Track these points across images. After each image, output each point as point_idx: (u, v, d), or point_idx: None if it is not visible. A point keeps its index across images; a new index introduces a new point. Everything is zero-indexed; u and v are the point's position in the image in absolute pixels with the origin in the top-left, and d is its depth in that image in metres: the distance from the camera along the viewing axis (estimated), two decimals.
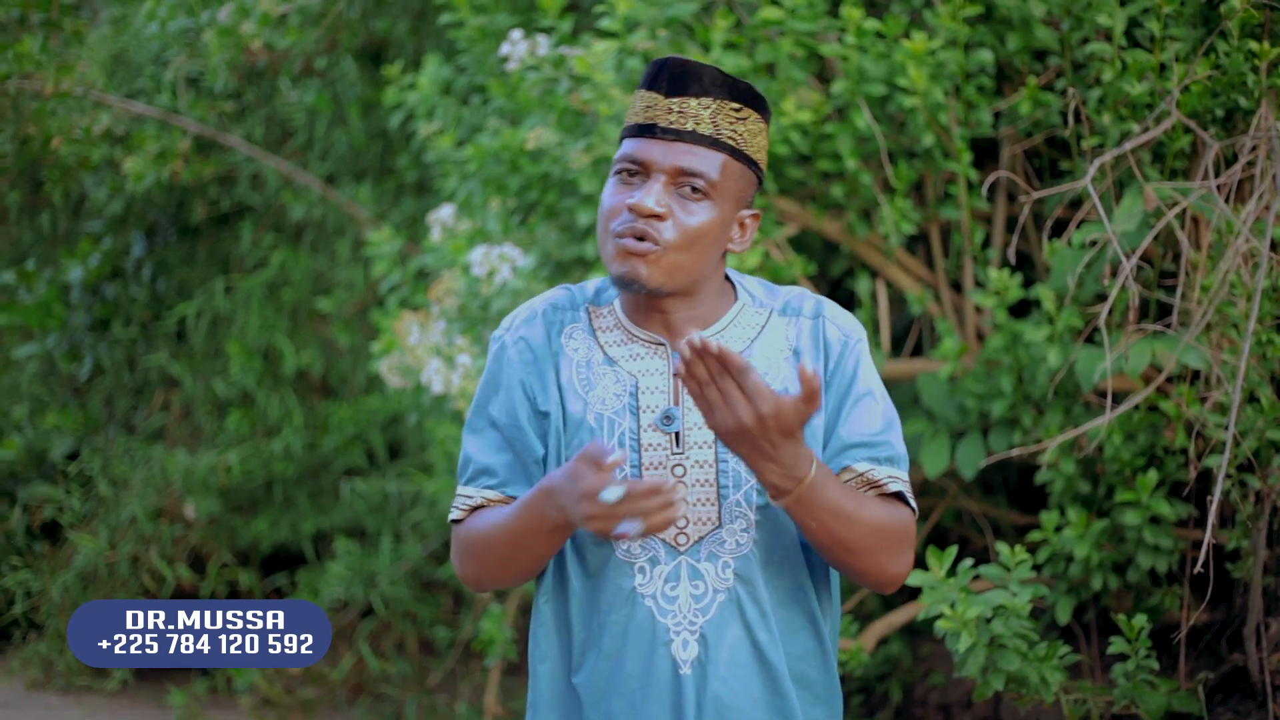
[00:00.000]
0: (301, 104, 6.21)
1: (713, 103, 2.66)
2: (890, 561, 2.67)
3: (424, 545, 6.11)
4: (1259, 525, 3.88)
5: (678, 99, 2.65)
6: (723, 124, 2.66)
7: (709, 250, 2.67)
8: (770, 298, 2.79)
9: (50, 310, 6.54)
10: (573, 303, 2.79)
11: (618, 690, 2.69)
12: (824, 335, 2.74)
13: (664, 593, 2.68)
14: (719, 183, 2.65)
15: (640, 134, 2.66)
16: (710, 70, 2.66)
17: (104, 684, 6.19)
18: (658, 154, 2.64)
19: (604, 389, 2.71)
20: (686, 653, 2.68)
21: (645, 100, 2.67)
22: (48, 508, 6.42)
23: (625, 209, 2.64)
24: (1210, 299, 3.77)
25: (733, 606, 2.68)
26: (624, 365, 2.72)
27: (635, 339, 2.73)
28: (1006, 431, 4.32)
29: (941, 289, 4.72)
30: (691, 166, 2.63)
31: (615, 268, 2.65)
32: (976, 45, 4.41)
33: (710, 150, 2.65)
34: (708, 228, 2.65)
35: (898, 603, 4.86)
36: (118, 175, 6.13)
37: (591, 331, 2.76)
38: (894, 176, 4.50)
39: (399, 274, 5.22)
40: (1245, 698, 4.01)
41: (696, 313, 2.73)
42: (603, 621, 2.70)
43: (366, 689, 6.26)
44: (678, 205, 2.64)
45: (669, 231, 2.63)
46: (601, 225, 2.68)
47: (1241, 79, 3.90)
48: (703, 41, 4.51)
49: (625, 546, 2.67)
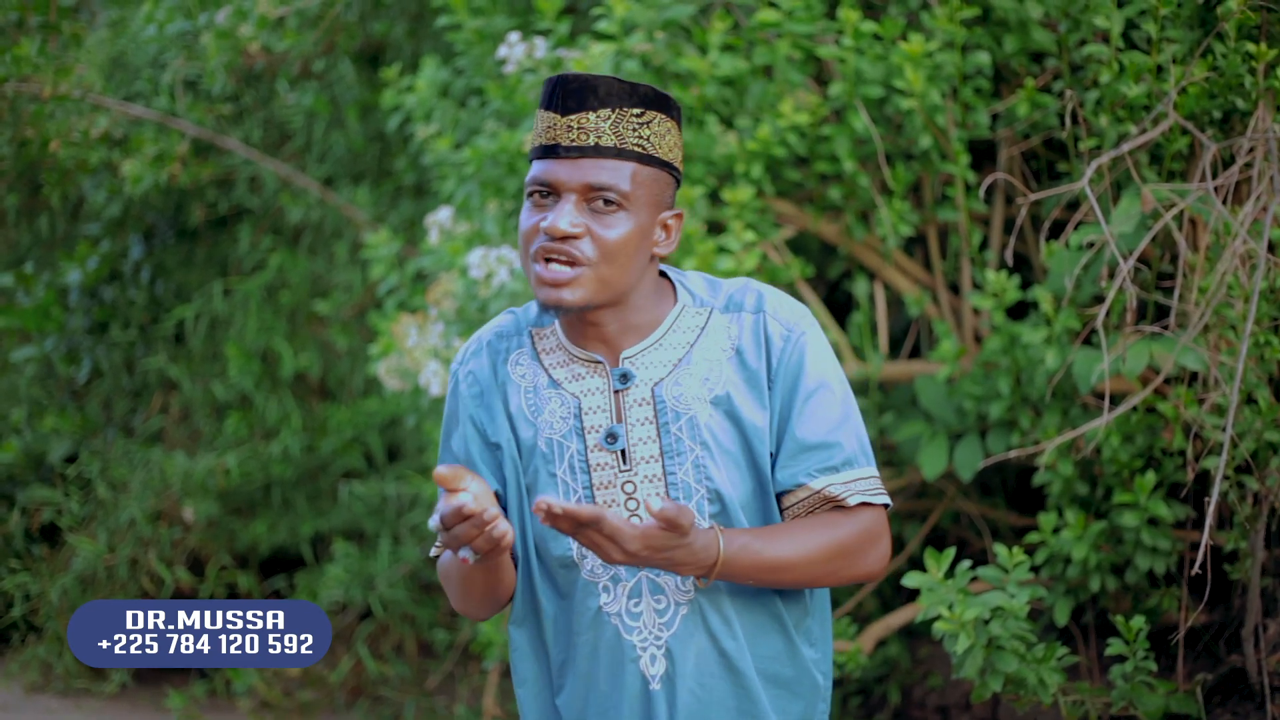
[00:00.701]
0: (299, 106, 6.21)
1: (611, 113, 2.62)
2: (855, 569, 2.70)
3: (422, 548, 6.11)
4: (1257, 526, 3.88)
5: (575, 115, 2.62)
6: (625, 132, 2.63)
7: (633, 260, 2.65)
8: (712, 295, 2.76)
9: (48, 313, 6.54)
10: (517, 328, 2.79)
11: (594, 709, 2.71)
12: (765, 331, 2.71)
13: (628, 610, 2.69)
14: (631, 192, 2.63)
15: (545, 155, 2.64)
16: (605, 80, 2.63)
17: (103, 687, 6.18)
18: (564, 173, 2.62)
19: (550, 413, 2.71)
20: (655, 668, 2.69)
21: (545, 121, 2.65)
22: (46, 510, 6.42)
23: (540, 231, 2.62)
24: (1208, 300, 3.77)
25: (695, 618, 2.69)
26: (567, 387, 2.72)
27: (575, 359, 2.73)
28: (1004, 433, 4.33)
29: (939, 291, 4.72)
30: (599, 181, 2.61)
31: (540, 295, 2.64)
32: (974, 47, 4.41)
33: (617, 160, 2.62)
34: (627, 239, 2.63)
35: (896, 604, 4.87)
36: (116, 178, 6.13)
37: (535, 355, 2.75)
38: (891, 178, 4.50)
39: (397, 276, 5.22)
40: (1244, 699, 4.01)
41: (632, 321, 2.71)
42: (575, 642, 2.72)
43: (365, 691, 6.26)
44: (593, 221, 2.62)
45: (588, 249, 2.61)
46: (521, 250, 2.67)
47: (1239, 81, 3.90)
48: (700, 44, 4.51)
49: (589, 566, 2.69)
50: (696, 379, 2.69)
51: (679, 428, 2.68)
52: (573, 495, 2.68)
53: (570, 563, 2.70)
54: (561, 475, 2.69)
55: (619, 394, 2.69)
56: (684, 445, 2.68)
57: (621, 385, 2.69)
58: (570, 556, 2.69)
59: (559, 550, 2.70)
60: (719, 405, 2.69)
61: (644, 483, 2.68)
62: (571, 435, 2.69)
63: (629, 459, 2.68)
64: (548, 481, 2.69)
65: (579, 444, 2.69)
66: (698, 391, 2.68)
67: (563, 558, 2.70)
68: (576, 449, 2.69)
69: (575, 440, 2.69)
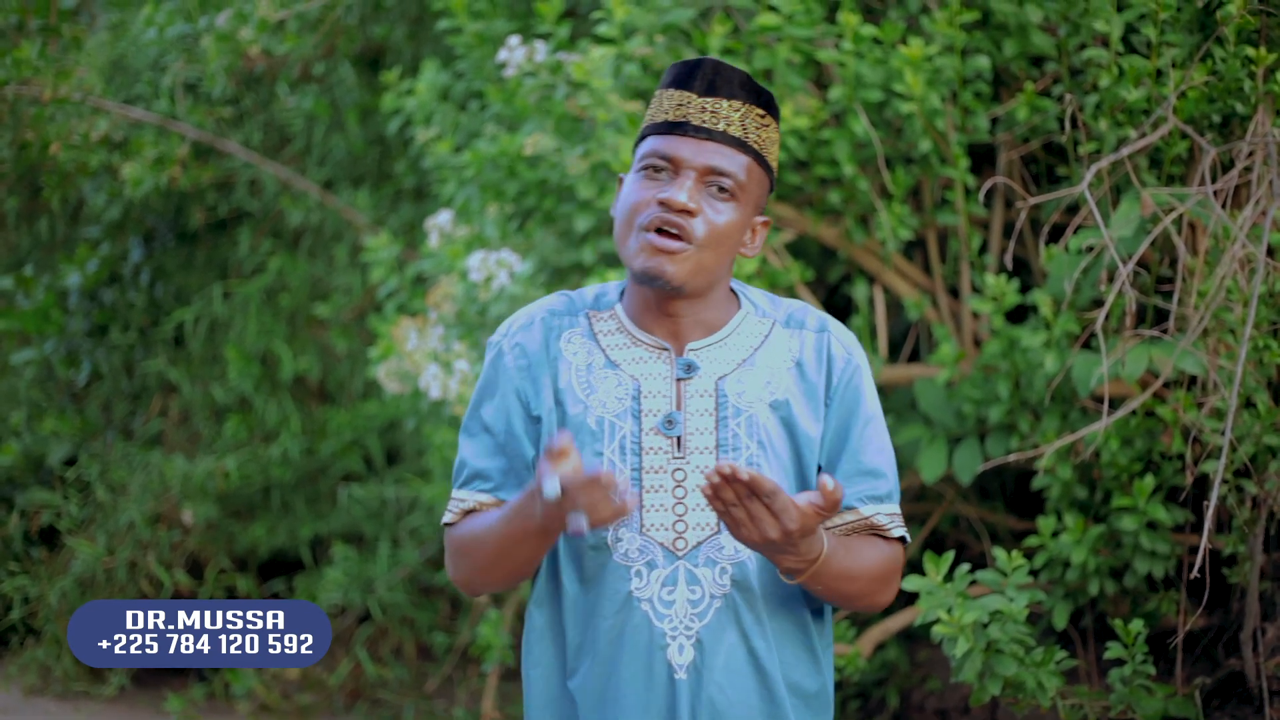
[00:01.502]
0: (299, 109, 6.21)
1: (742, 105, 2.68)
2: (881, 598, 2.75)
3: (422, 551, 6.11)
4: (1256, 530, 3.88)
5: (711, 99, 2.67)
6: (750, 128, 2.68)
7: (729, 252, 2.70)
8: (773, 308, 2.81)
9: (48, 316, 6.53)
10: (571, 309, 2.79)
11: (613, 695, 2.69)
12: (829, 350, 2.76)
13: (661, 597, 2.68)
14: (745, 184, 2.68)
15: (670, 131, 2.67)
16: (741, 74, 2.70)
17: (101, 689, 6.18)
18: (688, 151, 2.66)
19: (605, 392, 2.71)
20: (682, 657, 2.68)
21: (676, 99, 2.68)
22: (45, 513, 6.42)
23: (655, 203, 2.65)
24: (1207, 304, 3.77)
25: (729, 612, 2.68)
26: (626, 368, 2.72)
27: (639, 343, 2.74)
28: (1003, 437, 4.33)
29: (939, 294, 4.72)
30: (721, 166, 2.65)
31: (640, 262, 2.65)
32: (973, 51, 4.42)
33: (738, 152, 2.67)
34: (732, 228, 2.68)
35: (895, 608, 4.86)
36: (116, 181, 6.13)
37: (592, 335, 2.76)
38: (891, 182, 4.50)
39: (397, 279, 5.22)
40: (1242, 703, 4.01)
41: (703, 317, 2.73)
42: (598, 626, 2.70)
43: (364, 694, 6.26)
44: (705, 203, 2.66)
45: (700, 228, 2.64)
46: (625, 220, 2.68)
47: (1238, 84, 3.91)
48: (700, 47, 4.51)
49: (623, 550, 2.68)
50: (759, 381, 2.71)
51: (738, 424, 2.69)
52: (620, 477, 2.66)
53: (602, 545, 2.68)
54: (609, 454, 2.68)
55: (680, 382, 2.70)
56: (740, 441, 2.69)
57: (685, 374, 2.70)
58: (604, 539, 2.68)
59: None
60: (777, 410, 2.71)
61: (694, 473, 2.68)
62: (626, 416, 2.69)
63: (683, 446, 2.69)
64: (592, 460, 2.68)
65: (634, 425, 2.69)
66: (759, 393, 2.71)
67: (596, 538, 2.68)
68: (630, 430, 2.69)
69: (630, 421, 2.69)
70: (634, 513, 2.68)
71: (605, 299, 2.80)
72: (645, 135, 2.72)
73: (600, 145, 4.39)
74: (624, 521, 2.67)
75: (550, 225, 4.73)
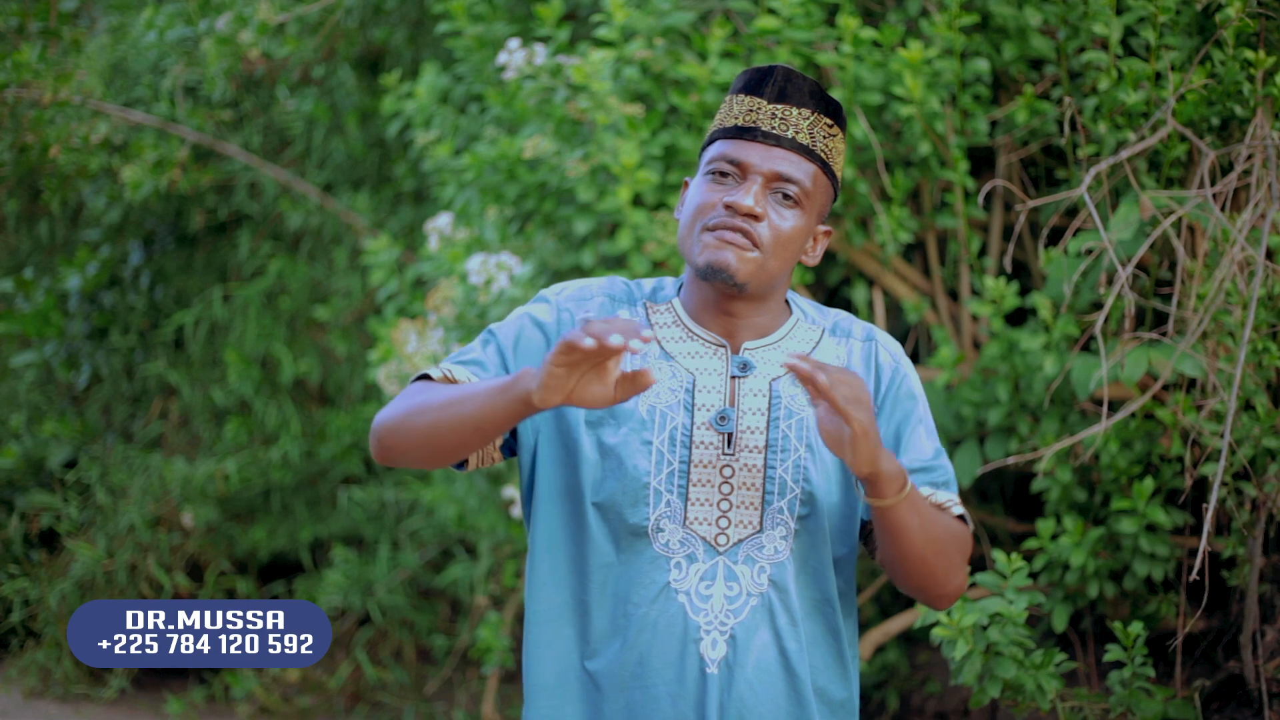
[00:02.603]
0: (299, 112, 6.22)
1: (811, 114, 2.71)
2: (958, 572, 2.73)
3: (421, 553, 6.11)
4: (1255, 533, 3.88)
5: (781, 105, 2.69)
6: (818, 136, 2.71)
7: (793, 258, 2.72)
8: (821, 317, 2.83)
9: (48, 319, 6.54)
10: (630, 296, 2.80)
11: (641, 683, 2.69)
12: (876, 359, 2.79)
13: (698, 590, 2.69)
14: (811, 191, 2.70)
15: (739, 135, 2.69)
16: (811, 82, 2.72)
17: (102, 692, 6.18)
18: (757, 157, 2.67)
19: (660, 383, 2.71)
20: (715, 652, 2.69)
21: (746, 104, 2.70)
22: (45, 516, 6.42)
23: (721, 206, 2.67)
24: (1206, 307, 3.77)
25: (764, 611, 2.69)
26: (682, 362, 2.73)
27: (695, 337, 2.75)
28: (1003, 439, 4.33)
29: (938, 297, 4.72)
30: (788, 173, 2.67)
31: (706, 256, 2.66)
32: (973, 54, 4.42)
33: (805, 160, 2.69)
34: (796, 234, 2.70)
35: (894, 610, 4.87)
36: (116, 184, 6.13)
37: (648, 325, 2.77)
38: (890, 185, 4.50)
39: (396, 282, 5.22)
40: (1241, 705, 4.01)
41: (759, 321, 2.75)
42: (631, 613, 2.69)
43: (364, 697, 6.26)
44: (771, 209, 2.67)
45: (765, 232, 2.66)
46: (690, 220, 2.70)
47: (1237, 87, 3.91)
48: (699, 50, 4.52)
49: (664, 540, 2.68)
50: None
51: (788, 425, 2.70)
52: (667, 467, 2.68)
53: (642, 532, 2.68)
54: (658, 444, 2.68)
55: (735, 380, 2.71)
56: (790, 443, 2.70)
57: (740, 372, 2.72)
58: (645, 526, 2.68)
59: (635, 518, 2.68)
60: None
61: (743, 470, 2.69)
62: (679, 408, 2.70)
63: (734, 443, 2.70)
64: (639, 449, 2.68)
65: (685, 418, 2.70)
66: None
67: (636, 526, 2.68)
68: (682, 423, 2.69)
69: (682, 414, 2.70)
70: (678, 505, 2.67)
71: (663, 293, 2.81)
72: (714, 139, 2.74)
73: (600, 148, 4.39)
74: (666, 513, 2.67)
75: (550, 228, 4.73)
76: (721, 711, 2.67)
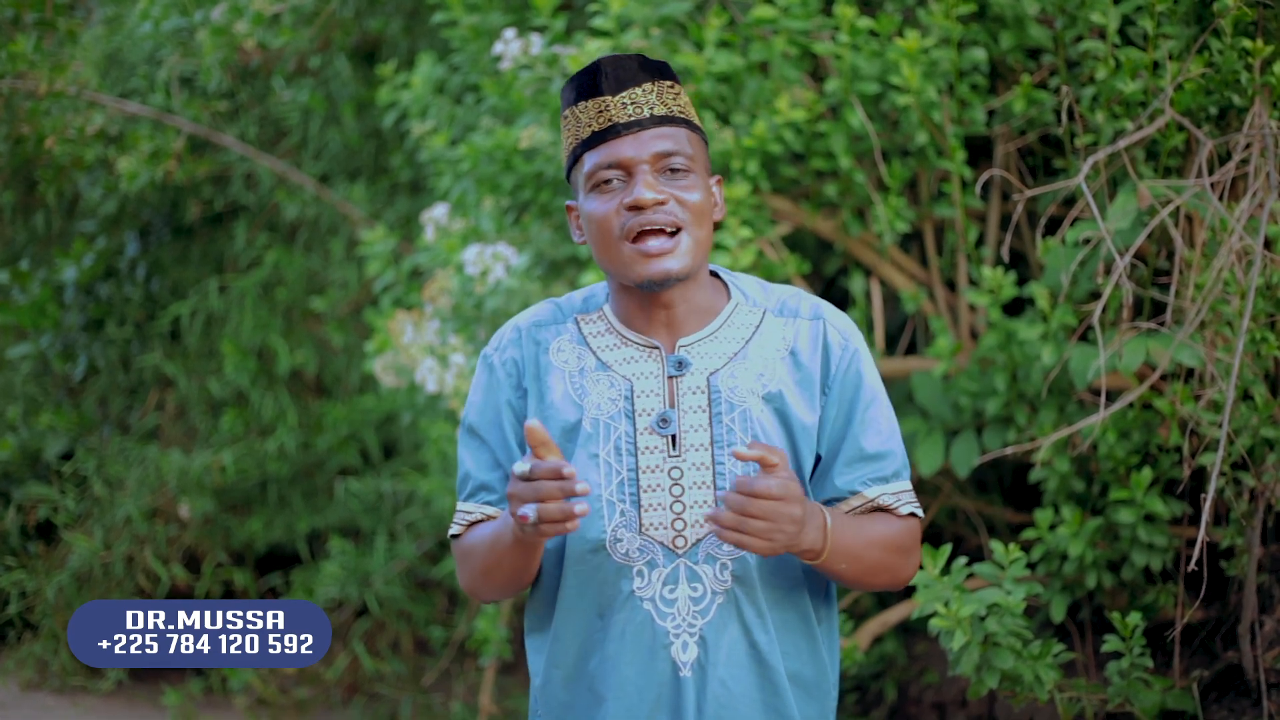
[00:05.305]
0: (295, 103, 6.21)
1: (653, 85, 2.69)
2: (902, 572, 2.76)
3: (418, 544, 6.11)
4: (1253, 523, 3.88)
5: (625, 92, 2.68)
6: (669, 101, 2.70)
7: (710, 223, 2.71)
8: (765, 296, 2.80)
9: (44, 310, 6.53)
10: (558, 316, 2.80)
11: (617, 693, 2.69)
12: (825, 338, 2.75)
13: (662, 595, 2.69)
14: (694, 155, 2.70)
15: (602, 140, 2.67)
16: (636, 57, 2.71)
17: (99, 684, 6.18)
18: (630, 149, 2.66)
19: (599, 394, 2.71)
20: (686, 655, 2.68)
21: (593, 108, 2.68)
22: (42, 508, 6.41)
23: (624, 211, 2.64)
24: (1204, 297, 3.77)
25: (731, 608, 2.69)
26: (618, 369, 2.72)
27: (629, 343, 2.74)
28: (1000, 430, 4.33)
29: (935, 287, 4.71)
30: (666, 148, 2.66)
31: (639, 272, 2.65)
32: (970, 43, 4.41)
33: (673, 127, 2.69)
34: (704, 200, 2.70)
35: (892, 601, 4.86)
36: (111, 175, 6.13)
37: (582, 339, 2.76)
38: (888, 175, 4.49)
39: (393, 273, 5.22)
40: (1240, 695, 4.01)
41: (696, 303, 2.74)
42: (603, 625, 2.70)
43: (361, 688, 6.26)
44: (670, 188, 2.66)
45: (678, 211, 2.65)
46: (602, 238, 2.67)
47: (1235, 76, 3.90)
48: (696, 40, 4.51)
49: (623, 550, 2.68)
50: (751, 374, 2.71)
51: (731, 419, 2.69)
52: (616, 477, 2.68)
53: (601, 546, 2.68)
54: (605, 456, 2.68)
55: (673, 380, 2.70)
56: (735, 437, 2.69)
57: (677, 371, 2.70)
58: (603, 540, 2.68)
59: (592, 533, 2.68)
60: (770, 402, 2.71)
61: (691, 470, 2.68)
62: (620, 417, 2.69)
63: (679, 445, 2.68)
64: (588, 463, 2.68)
65: (628, 426, 2.69)
66: (752, 385, 2.71)
67: (595, 540, 2.68)
68: (625, 431, 2.69)
69: (624, 422, 2.69)
70: (632, 513, 2.68)
71: (594, 300, 2.81)
72: (577, 156, 2.71)
73: None
74: (622, 522, 2.67)
75: (546, 218, 4.72)
76: (699, 713, 2.68)
